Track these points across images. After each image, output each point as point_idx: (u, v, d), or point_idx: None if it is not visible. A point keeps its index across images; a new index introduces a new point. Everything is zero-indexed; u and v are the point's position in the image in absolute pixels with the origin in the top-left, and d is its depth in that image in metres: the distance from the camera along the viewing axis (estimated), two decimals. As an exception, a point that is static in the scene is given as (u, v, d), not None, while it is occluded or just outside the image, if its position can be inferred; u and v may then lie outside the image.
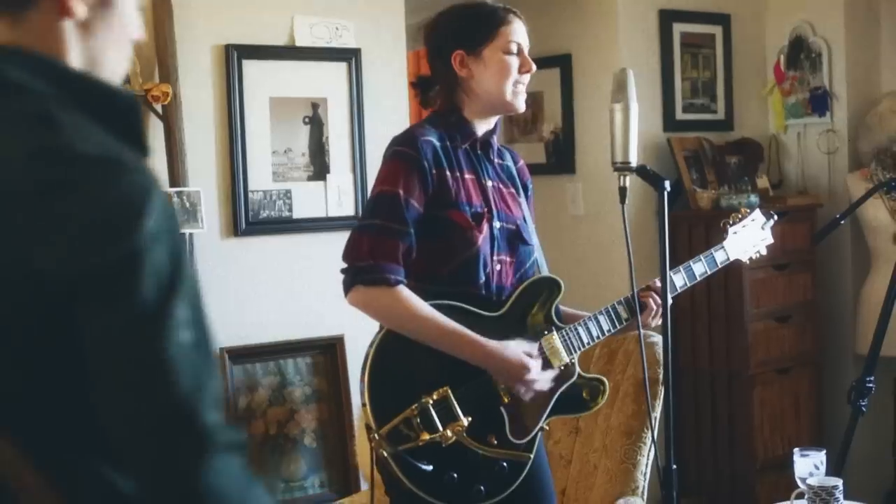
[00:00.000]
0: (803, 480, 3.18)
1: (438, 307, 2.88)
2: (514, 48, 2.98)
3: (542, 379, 2.93)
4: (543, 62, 3.06)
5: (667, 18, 5.74)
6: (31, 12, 1.54)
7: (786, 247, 5.45)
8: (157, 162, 4.20)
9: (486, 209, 2.96)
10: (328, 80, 4.68)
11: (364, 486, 4.48)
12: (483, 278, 2.95)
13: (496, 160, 3.11)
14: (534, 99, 3.22)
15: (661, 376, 3.47)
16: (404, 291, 2.86)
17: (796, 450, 3.23)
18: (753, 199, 5.44)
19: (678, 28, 5.78)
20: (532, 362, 2.90)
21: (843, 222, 4.21)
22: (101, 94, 1.54)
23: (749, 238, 3.33)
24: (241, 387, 4.46)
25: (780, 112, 6.01)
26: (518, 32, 3.00)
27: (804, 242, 5.54)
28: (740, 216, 3.35)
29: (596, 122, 5.55)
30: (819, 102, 5.82)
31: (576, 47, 5.79)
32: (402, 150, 2.93)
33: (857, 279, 5.77)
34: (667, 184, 2.71)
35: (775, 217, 3.41)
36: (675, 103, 5.77)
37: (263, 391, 4.50)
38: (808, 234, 5.54)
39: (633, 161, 2.75)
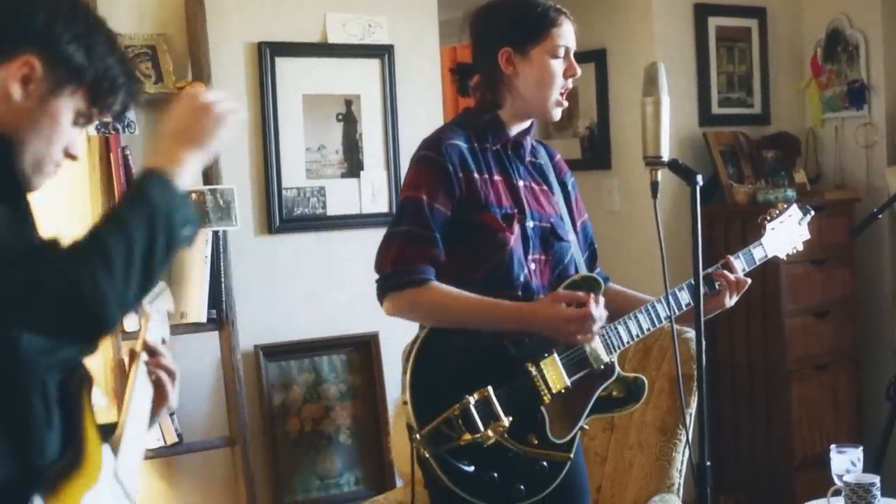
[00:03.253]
0: (840, 477, 3.16)
1: None
2: (561, 52, 2.95)
3: (596, 314, 2.84)
4: (578, 57, 3.02)
5: (702, 12, 5.71)
6: None
7: (824, 242, 5.41)
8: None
9: (516, 210, 2.94)
10: (361, 77, 4.68)
11: (399, 482, 4.48)
12: (521, 279, 2.93)
13: (528, 158, 3.08)
14: (569, 94, 3.17)
15: (695, 373, 3.44)
16: (435, 286, 2.84)
17: (833, 446, 3.20)
18: (790, 193, 5.40)
19: (713, 22, 5.75)
20: (574, 311, 2.83)
21: (881, 216, 4.18)
22: None
23: (786, 234, 3.28)
24: (276, 384, 4.47)
25: (818, 106, 5.96)
26: (567, 35, 2.96)
27: (842, 237, 5.49)
28: (777, 211, 3.30)
29: (631, 117, 5.52)
30: (856, 96, 5.77)
31: (611, 42, 5.77)
32: (427, 154, 2.91)
33: (897, 274, 5.72)
34: (699, 178, 2.68)
35: (812, 212, 3.36)
36: (710, 98, 5.75)
37: (298, 388, 4.50)
38: (846, 228, 5.49)
39: (665, 155, 2.72)
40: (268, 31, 4.47)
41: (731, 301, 3.08)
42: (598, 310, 2.85)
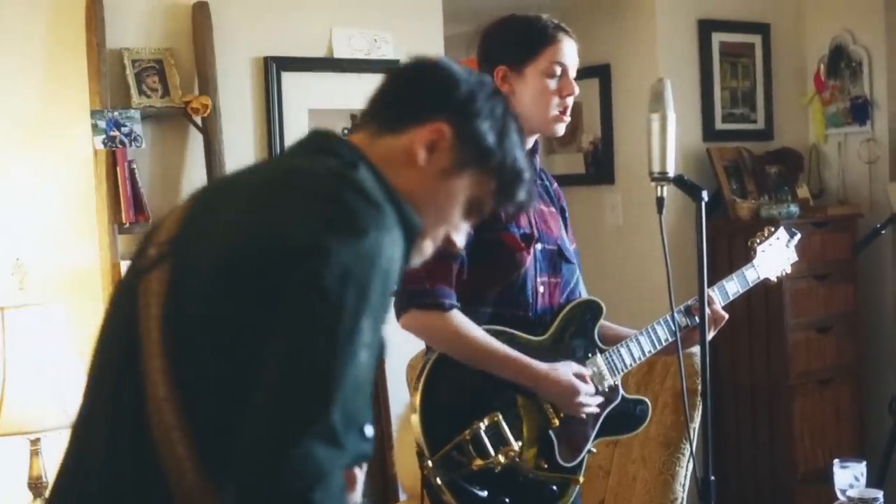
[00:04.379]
0: (843, 492, 3.16)
1: (487, 333, 2.85)
2: (556, 70, 2.90)
3: (592, 400, 2.90)
4: (582, 72, 3.00)
5: (706, 28, 5.73)
6: (388, 138, 1.84)
7: (826, 257, 5.43)
8: (196, 173, 4.23)
9: (531, 231, 2.95)
10: (367, 92, 4.67)
11: (403, 496, 4.48)
12: (530, 300, 2.93)
13: (537, 180, 3.08)
14: (573, 110, 3.17)
15: (699, 387, 3.45)
16: (458, 316, 2.81)
17: (836, 461, 3.20)
18: (793, 208, 5.42)
19: (717, 37, 5.77)
20: (582, 385, 2.87)
21: (883, 232, 4.19)
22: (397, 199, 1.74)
23: (776, 256, 3.31)
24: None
25: (821, 121, 5.98)
26: (564, 52, 2.91)
27: (845, 252, 5.51)
28: (765, 234, 3.33)
29: (635, 132, 5.53)
30: (859, 111, 5.79)
31: (615, 57, 5.79)
32: None
33: (899, 289, 5.73)
34: (704, 194, 2.68)
35: (798, 235, 3.38)
36: (714, 113, 5.76)
37: (303, 402, 4.50)
38: (848, 244, 5.50)
39: (671, 171, 2.73)
40: (274, 46, 4.49)
41: (709, 335, 3.07)
42: (596, 405, 2.93)
